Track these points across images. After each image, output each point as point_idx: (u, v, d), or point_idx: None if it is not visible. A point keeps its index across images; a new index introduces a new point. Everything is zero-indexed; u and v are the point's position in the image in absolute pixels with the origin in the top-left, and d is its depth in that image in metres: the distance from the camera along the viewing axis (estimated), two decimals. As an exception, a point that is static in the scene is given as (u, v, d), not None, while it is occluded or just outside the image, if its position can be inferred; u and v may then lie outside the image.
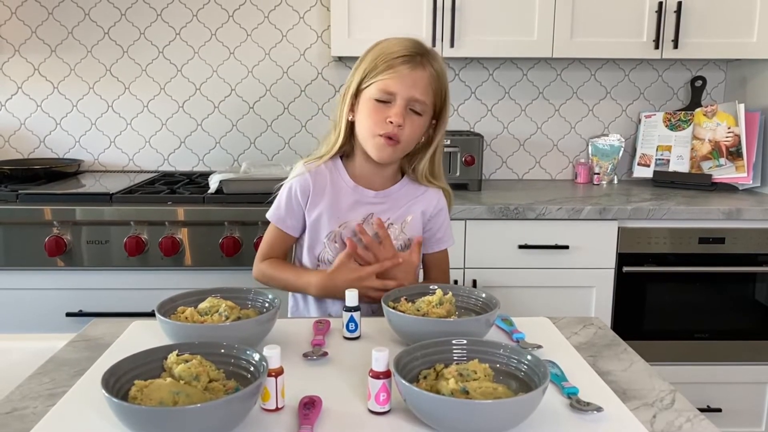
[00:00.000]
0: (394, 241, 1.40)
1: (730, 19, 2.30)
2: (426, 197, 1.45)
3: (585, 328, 1.25)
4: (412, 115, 1.32)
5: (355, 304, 1.16)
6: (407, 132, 1.32)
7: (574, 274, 2.14)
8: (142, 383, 0.83)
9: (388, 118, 1.30)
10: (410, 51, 1.31)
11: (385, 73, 1.29)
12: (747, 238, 2.14)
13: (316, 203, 1.40)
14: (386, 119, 1.30)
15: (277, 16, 2.58)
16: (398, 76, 1.29)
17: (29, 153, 2.63)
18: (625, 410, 0.91)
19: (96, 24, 2.55)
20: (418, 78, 1.30)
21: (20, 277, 2.02)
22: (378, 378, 0.88)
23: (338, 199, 1.40)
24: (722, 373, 2.21)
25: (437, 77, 1.34)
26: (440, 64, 1.35)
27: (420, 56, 1.31)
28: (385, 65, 1.30)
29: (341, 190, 1.41)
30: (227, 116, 2.64)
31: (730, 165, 2.42)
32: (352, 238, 1.37)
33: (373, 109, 1.32)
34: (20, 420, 0.89)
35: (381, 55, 1.31)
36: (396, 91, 1.30)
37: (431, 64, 1.33)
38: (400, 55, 1.30)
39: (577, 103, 2.70)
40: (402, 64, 1.29)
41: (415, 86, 1.30)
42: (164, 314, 1.07)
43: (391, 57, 1.30)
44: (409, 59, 1.30)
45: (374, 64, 1.31)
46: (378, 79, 1.30)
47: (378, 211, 1.41)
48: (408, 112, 1.31)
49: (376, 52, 1.32)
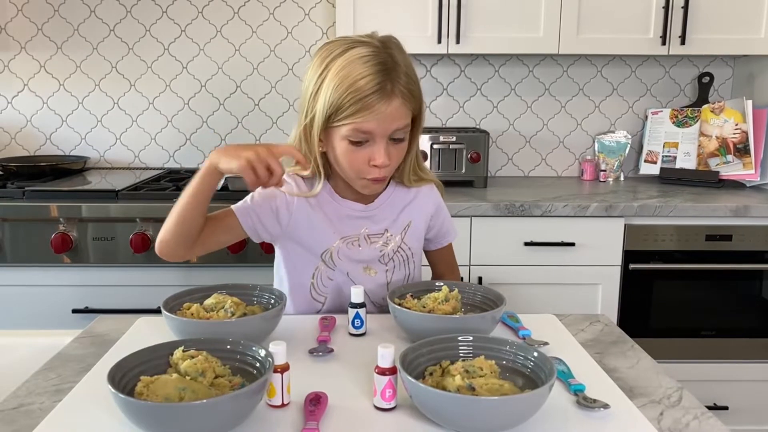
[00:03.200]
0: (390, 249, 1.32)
1: (738, 15, 2.29)
2: (420, 199, 1.36)
3: (591, 325, 1.25)
4: (395, 144, 1.20)
5: (361, 300, 1.16)
6: (393, 163, 1.22)
7: (580, 271, 2.14)
8: (148, 379, 0.83)
9: (371, 161, 1.18)
10: (378, 80, 1.13)
11: (358, 115, 1.14)
12: (754, 236, 2.13)
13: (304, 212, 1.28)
14: (369, 162, 1.19)
15: (283, 13, 2.57)
16: (374, 116, 1.14)
17: (35, 150, 2.63)
18: (632, 407, 0.91)
19: (102, 21, 2.55)
20: (394, 109, 1.15)
21: (27, 274, 2.03)
22: (384, 374, 0.88)
23: (328, 217, 1.29)
24: (729, 370, 2.20)
25: (410, 90, 1.18)
26: (406, 66, 1.18)
27: (389, 81, 1.14)
28: (356, 106, 1.13)
29: (329, 207, 1.30)
30: (232, 113, 2.64)
31: (737, 162, 2.41)
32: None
33: (350, 151, 1.18)
34: (27, 415, 0.89)
35: (348, 93, 1.13)
36: (373, 131, 1.16)
37: (401, 83, 1.16)
38: (370, 92, 1.12)
39: (583, 99, 2.69)
40: (376, 102, 1.13)
41: (394, 119, 1.16)
42: (170, 311, 1.07)
43: (360, 94, 1.13)
44: (380, 91, 1.13)
45: (340, 103, 1.14)
46: (349, 121, 1.15)
47: (372, 223, 1.32)
48: (389, 144, 1.19)
49: (339, 84, 1.14)
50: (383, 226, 1.33)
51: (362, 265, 1.32)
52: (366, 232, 1.32)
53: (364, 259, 1.32)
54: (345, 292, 1.29)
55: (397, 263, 1.35)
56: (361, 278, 1.31)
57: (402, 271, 1.36)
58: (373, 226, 1.32)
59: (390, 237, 1.33)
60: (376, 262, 1.33)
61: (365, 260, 1.32)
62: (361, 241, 1.31)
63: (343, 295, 1.31)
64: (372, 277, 1.33)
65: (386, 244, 1.33)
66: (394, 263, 1.34)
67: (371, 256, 1.32)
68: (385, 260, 1.33)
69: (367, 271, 1.33)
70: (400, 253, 1.35)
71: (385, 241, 1.33)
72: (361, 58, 1.14)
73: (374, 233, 1.33)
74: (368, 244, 1.32)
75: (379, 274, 1.33)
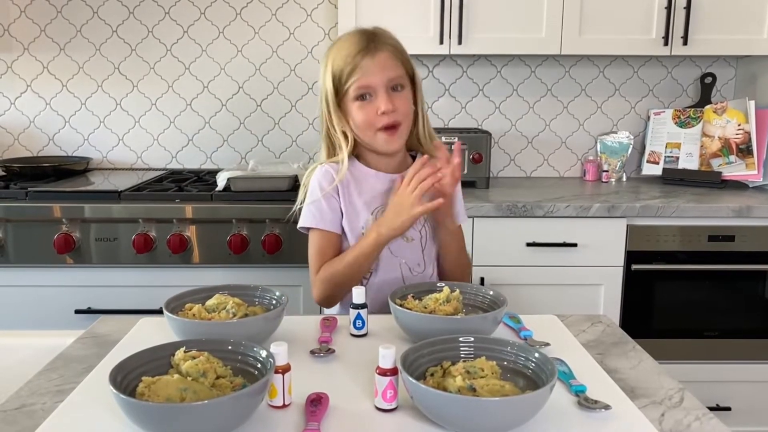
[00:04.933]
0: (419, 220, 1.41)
1: (740, 16, 2.29)
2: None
3: (593, 325, 1.25)
4: (397, 93, 1.35)
5: (363, 301, 1.16)
6: (401, 110, 1.35)
7: (582, 271, 2.14)
8: (149, 380, 0.83)
9: (378, 110, 1.33)
10: (362, 43, 1.33)
11: (353, 75, 1.32)
12: (757, 236, 2.13)
13: (346, 195, 1.40)
14: (377, 112, 1.33)
15: (285, 14, 2.58)
16: (366, 70, 1.32)
17: (38, 151, 2.64)
18: (633, 408, 0.91)
19: (104, 22, 2.55)
20: (382, 60, 1.33)
21: (29, 275, 2.03)
22: (385, 375, 0.88)
23: (365, 189, 1.41)
24: (732, 371, 2.19)
25: (397, 50, 1.37)
26: (392, 38, 1.38)
27: (372, 42, 1.34)
28: (349, 68, 1.33)
29: (365, 181, 1.41)
30: (235, 114, 2.64)
31: (740, 162, 2.40)
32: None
33: (361, 109, 1.35)
34: (29, 416, 0.89)
35: (339, 61, 1.34)
36: (371, 83, 1.33)
37: (386, 42, 1.36)
38: (356, 52, 1.32)
39: (585, 100, 2.68)
40: (362, 58, 1.32)
41: (384, 68, 1.33)
42: (172, 311, 1.07)
43: (350, 57, 1.32)
44: (365, 50, 1.33)
45: (339, 72, 1.34)
46: (350, 83, 1.33)
47: None
48: (391, 93, 1.34)
49: (334, 61, 1.35)
50: None
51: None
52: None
53: None
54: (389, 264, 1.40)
55: (428, 230, 1.44)
56: (400, 246, 1.40)
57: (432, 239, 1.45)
58: None
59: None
60: (411, 229, 1.39)
61: None
62: None
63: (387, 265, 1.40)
64: (409, 244, 1.41)
65: None
66: (426, 230, 1.44)
67: None
68: (417, 227, 1.42)
69: (404, 239, 1.40)
70: (429, 222, 1.44)
71: None
72: (347, 40, 1.36)
73: None
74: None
75: (415, 241, 1.42)
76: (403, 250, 1.41)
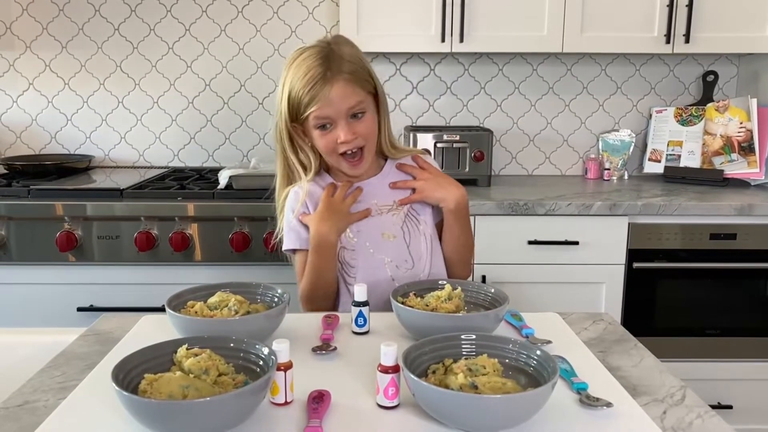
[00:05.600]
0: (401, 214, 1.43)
1: (743, 13, 2.28)
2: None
3: (595, 323, 1.25)
4: (357, 121, 1.33)
5: (364, 298, 1.16)
6: (363, 134, 1.34)
7: (584, 270, 2.13)
8: (151, 377, 0.84)
9: (338, 139, 1.32)
10: (319, 69, 1.28)
11: (312, 104, 1.29)
12: (759, 234, 2.13)
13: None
14: (337, 142, 1.32)
15: (287, 12, 2.58)
16: (324, 102, 1.28)
17: (40, 149, 2.64)
18: (635, 406, 0.91)
19: (106, 20, 2.56)
20: (340, 91, 1.29)
21: (32, 272, 2.04)
22: (387, 372, 0.88)
23: None
24: (734, 369, 2.19)
25: (355, 74, 1.31)
26: (350, 57, 1.32)
27: (329, 70, 1.29)
28: (307, 98, 1.29)
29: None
30: (236, 112, 2.64)
31: (742, 160, 2.40)
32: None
33: (322, 137, 1.33)
34: (31, 413, 0.90)
35: (295, 88, 1.30)
36: (329, 114, 1.30)
37: (342, 69, 1.29)
38: (313, 80, 1.28)
39: (587, 98, 2.68)
40: (321, 88, 1.28)
41: (343, 98, 1.29)
42: (174, 309, 1.07)
43: (308, 86, 1.28)
44: (322, 79, 1.28)
45: (296, 99, 1.31)
46: (308, 112, 1.30)
47: (379, 198, 1.42)
48: (350, 121, 1.32)
49: (291, 85, 1.31)
50: (392, 198, 1.43)
51: (379, 232, 1.41)
52: (375, 202, 1.42)
53: (380, 227, 1.41)
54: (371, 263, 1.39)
55: (411, 227, 1.43)
56: (381, 245, 1.40)
57: (418, 234, 1.43)
58: (383, 199, 1.43)
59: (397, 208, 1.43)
60: (391, 227, 1.41)
61: (381, 227, 1.41)
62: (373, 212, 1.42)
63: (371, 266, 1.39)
64: (391, 241, 1.41)
65: (398, 210, 1.43)
66: (408, 227, 1.43)
67: (385, 222, 1.41)
68: (398, 223, 1.42)
69: (385, 237, 1.41)
70: (410, 218, 1.43)
71: (395, 209, 1.43)
72: (303, 60, 1.31)
73: (384, 204, 1.43)
74: (380, 214, 1.42)
75: (398, 238, 1.41)
76: (385, 248, 1.40)
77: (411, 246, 1.42)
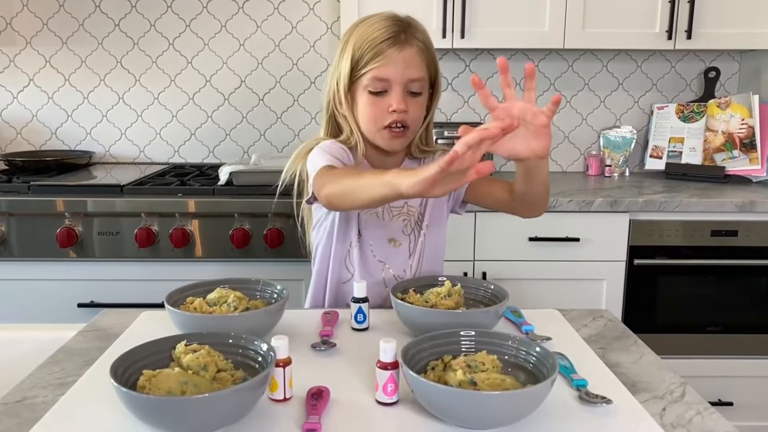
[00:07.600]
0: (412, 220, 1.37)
1: (745, 10, 2.27)
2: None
3: (595, 320, 1.25)
4: (412, 97, 1.28)
5: (364, 295, 1.16)
6: (412, 116, 1.28)
7: (584, 266, 2.13)
8: (150, 373, 0.83)
9: (389, 107, 1.25)
10: (393, 30, 1.24)
11: (374, 61, 1.24)
12: (760, 231, 2.12)
13: None
14: (388, 108, 1.26)
15: (287, 8, 2.57)
16: (388, 60, 1.23)
17: (41, 145, 2.64)
18: (634, 403, 0.90)
19: (107, 16, 2.55)
20: (408, 57, 1.25)
21: (32, 268, 2.04)
22: (386, 369, 0.88)
23: None
24: (734, 366, 2.19)
25: (426, 49, 1.28)
26: (424, 33, 1.30)
27: (404, 33, 1.25)
28: (372, 53, 1.24)
29: None
30: (237, 108, 2.64)
31: (743, 157, 2.40)
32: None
33: (371, 101, 1.27)
34: (30, 408, 0.90)
35: (364, 43, 1.25)
36: (390, 77, 1.25)
37: (416, 37, 1.27)
38: (384, 38, 1.23)
39: (588, 94, 2.67)
40: (389, 47, 1.23)
41: (408, 66, 1.25)
42: (173, 305, 1.07)
43: (376, 42, 1.23)
44: (394, 39, 1.24)
45: (360, 54, 1.25)
46: (368, 69, 1.25)
47: None
48: (407, 95, 1.27)
49: (358, 40, 1.26)
50: (403, 200, 1.36)
51: (386, 237, 1.36)
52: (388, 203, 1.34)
53: (388, 230, 1.36)
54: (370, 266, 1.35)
55: (418, 235, 1.38)
56: (385, 250, 1.36)
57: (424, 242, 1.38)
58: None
59: (411, 209, 1.38)
60: (399, 233, 1.37)
61: (389, 231, 1.37)
62: (384, 213, 1.36)
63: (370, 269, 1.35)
64: (396, 249, 1.37)
65: (409, 215, 1.38)
66: (416, 235, 1.38)
67: (394, 227, 1.37)
68: (407, 231, 1.38)
69: (391, 243, 1.37)
70: (419, 225, 1.39)
71: (407, 213, 1.38)
72: (379, 22, 1.26)
73: (395, 205, 1.37)
74: (390, 217, 1.36)
75: (402, 246, 1.37)
76: (389, 255, 1.36)
77: (413, 257, 1.38)
